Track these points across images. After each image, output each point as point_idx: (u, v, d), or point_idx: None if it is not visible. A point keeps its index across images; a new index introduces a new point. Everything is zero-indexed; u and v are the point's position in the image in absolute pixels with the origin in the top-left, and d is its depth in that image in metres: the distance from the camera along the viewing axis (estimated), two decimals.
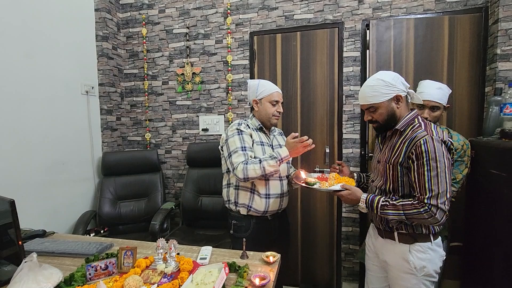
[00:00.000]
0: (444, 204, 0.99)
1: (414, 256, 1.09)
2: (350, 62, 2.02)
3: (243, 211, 1.41)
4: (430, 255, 1.09)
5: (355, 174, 1.40)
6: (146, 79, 2.38)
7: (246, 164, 1.30)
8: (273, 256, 1.17)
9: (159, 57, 2.36)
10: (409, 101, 1.14)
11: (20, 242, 1.01)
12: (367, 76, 1.97)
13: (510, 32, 1.71)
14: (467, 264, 1.61)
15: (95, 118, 2.18)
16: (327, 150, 2.05)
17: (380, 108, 1.11)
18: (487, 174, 1.38)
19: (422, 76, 1.91)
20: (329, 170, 1.41)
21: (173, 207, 2.04)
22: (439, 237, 1.13)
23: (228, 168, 1.41)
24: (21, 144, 1.67)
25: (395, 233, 1.12)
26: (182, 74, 2.27)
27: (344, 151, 2.06)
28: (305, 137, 1.29)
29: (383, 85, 1.09)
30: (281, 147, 1.40)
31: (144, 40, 2.35)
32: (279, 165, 1.32)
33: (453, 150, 1.09)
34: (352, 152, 2.06)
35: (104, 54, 2.21)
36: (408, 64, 1.94)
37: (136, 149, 2.44)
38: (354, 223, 2.07)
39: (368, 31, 1.97)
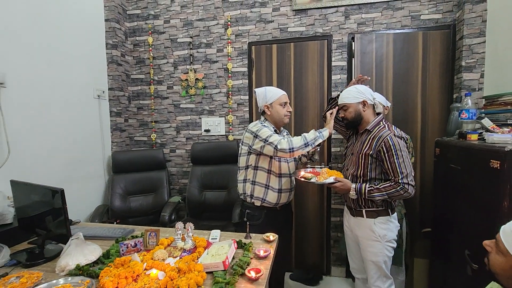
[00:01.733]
0: (412, 181, 1.38)
1: (378, 226, 1.46)
2: (337, 70, 2.33)
3: (257, 203, 1.65)
4: (389, 225, 1.47)
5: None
6: (152, 84, 2.63)
7: (288, 138, 1.48)
8: (272, 236, 1.46)
9: (164, 63, 2.61)
10: (376, 109, 1.53)
11: (68, 224, 1.26)
12: None
13: (472, 47, 2.04)
14: (435, 245, 1.94)
15: (105, 120, 2.42)
16: (318, 149, 2.34)
17: (350, 107, 1.49)
18: (448, 168, 1.69)
19: (400, 84, 2.25)
20: (320, 167, 1.70)
21: (180, 200, 2.31)
22: (395, 213, 1.53)
23: (248, 165, 1.64)
24: (46, 144, 1.90)
25: (363, 211, 1.49)
26: (186, 79, 2.54)
27: (332, 149, 2.37)
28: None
29: (355, 91, 1.49)
30: None
31: (150, 48, 2.61)
32: (319, 139, 1.48)
33: (408, 143, 1.53)
34: (339, 150, 2.37)
35: (113, 61, 2.45)
36: (388, 73, 2.26)
37: (143, 148, 2.69)
38: (341, 214, 2.37)
39: (353, 43, 2.28)
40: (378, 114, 1.56)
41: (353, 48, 2.28)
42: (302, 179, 1.55)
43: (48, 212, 1.31)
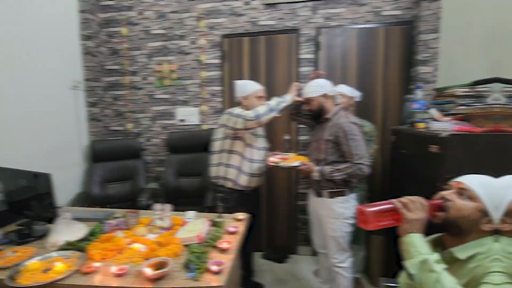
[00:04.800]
0: (366, 161, 1.63)
1: (336, 205, 1.73)
2: (305, 63, 2.61)
3: (228, 185, 1.92)
4: (347, 204, 1.74)
5: None
6: (127, 74, 2.82)
7: (254, 108, 1.76)
8: (241, 215, 1.75)
9: (138, 55, 2.80)
10: (335, 100, 1.82)
11: (55, 206, 1.52)
12: None
13: (427, 42, 2.35)
14: None
15: (81, 110, 2.62)
16: (287, 137, 2.67)
17: (314, 101, 1.76)
18: (401, 152, 2.01)
19: (363, 76, 2.57)
20: (287, 154, 1.93)
21: (157, 187, 2.58)
22: (354, 193, 1.79)
23: (222, 149, 1.92)
24: (25, 134, 2.09)
25: (325, 192, 1.75)
26: (161, 70, 2.76)
27: (300, 137, 2.69)
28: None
29: (317, 86, 1.75)
30: (262, 137, 1.98)
31: (125, 39, 2.79)
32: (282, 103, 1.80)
33: (371, 132, 1.81)
34: (306, 139, 2.70)
35: (88, 52, 2.62)
36: (352, 66, 2.56)
37: (120, 138, 2.90)
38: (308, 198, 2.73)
39: (320, 37, 2.57)
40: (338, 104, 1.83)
41: (320, 42, 2.57)
42: (272, 164, 1.78)
43: (36, 195, 1.56)
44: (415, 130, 1.84)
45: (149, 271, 1.14)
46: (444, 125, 1.62)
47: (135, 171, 2.69)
